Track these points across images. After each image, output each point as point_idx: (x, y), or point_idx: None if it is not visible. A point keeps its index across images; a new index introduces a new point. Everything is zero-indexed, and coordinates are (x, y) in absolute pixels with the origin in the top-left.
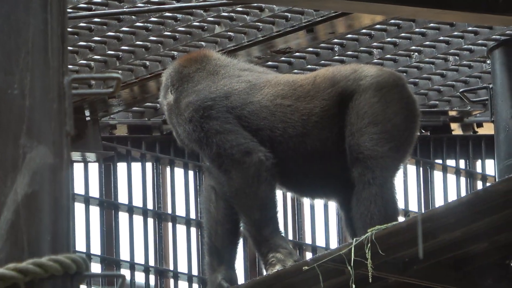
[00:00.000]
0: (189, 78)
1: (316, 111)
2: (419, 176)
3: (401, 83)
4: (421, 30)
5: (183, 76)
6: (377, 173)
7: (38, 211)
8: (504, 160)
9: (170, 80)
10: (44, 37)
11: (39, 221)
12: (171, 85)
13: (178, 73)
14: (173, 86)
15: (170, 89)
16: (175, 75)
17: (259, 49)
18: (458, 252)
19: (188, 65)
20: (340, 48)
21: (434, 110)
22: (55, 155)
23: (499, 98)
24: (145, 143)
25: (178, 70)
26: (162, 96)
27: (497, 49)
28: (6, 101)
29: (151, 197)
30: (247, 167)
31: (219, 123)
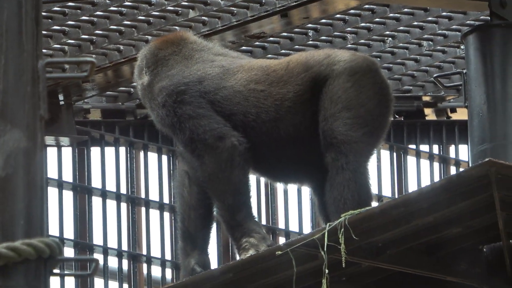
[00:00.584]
0: (164, 61)
1: (290, 96)
2: (392, 161)
3: (374, 68)
4: (395, 15)
5: (159, 59)
6: (351, 158)
7: (11, 195)
8: (478, 146)
9: (145, 61)
10: (18, 20)
11: (13, 205)
12: (146, 67)
13: (154, 56)
14: (148, 68)
15: (145, 70)
16: (150, 57)
17: (233, 34)
18: (431, 237)
19: (164, 48)
20: (314, 33)
21: (407, 95)
22: (28, 138)
23: (473, 84)
24: (119, 127)
25: (154, 53)
26: (137, 76)
27: (471, 35)
28: None
29: (125, 182)
30: (220, 152)
31: (192, 108)
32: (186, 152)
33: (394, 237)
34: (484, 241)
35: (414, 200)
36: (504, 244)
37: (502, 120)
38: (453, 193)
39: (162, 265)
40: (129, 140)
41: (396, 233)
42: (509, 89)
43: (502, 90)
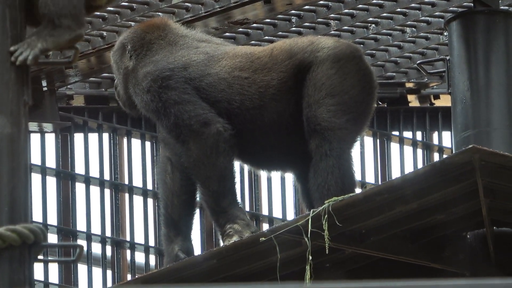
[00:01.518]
0: (149, 46)
1: (274, 84)
2: (376, 147)
3: (358, 55)
4: (379, 1)
5: (145, 42)
6: (334, 144)
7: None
8: (461, 132)
9: (132, 44)
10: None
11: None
12: (133, 49)
13: (140, 39)
14: (135, 51)
15: (131, 53)
16: (137, 40)
17: (216, 20)
18: (415, 224)
19: (150, 32)
20: (298, 19)
21: (391, 82)
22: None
23: (456, 70)
24: (102, 113)
25: (140, 36)
26: (118, 57)
27: (454, 21)
28: None
29: (108, 168)
30: (205, 138)
31: (177, 93)
32: (170, 137)
33: (378, 223)
34: (468, 227)
35: (397, 186)
36: (488, 231)
37: (485, 107)
38: (437, 180)
39: (145, 251)
40: (113, 126)
41: (380, 219)
42: (493, 76)
43: (485, 76)
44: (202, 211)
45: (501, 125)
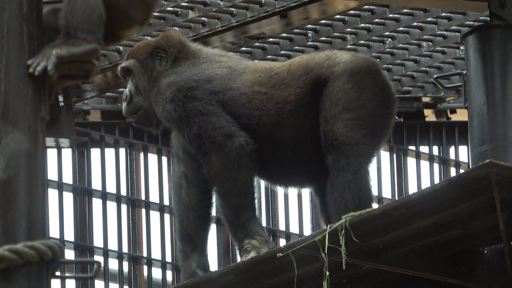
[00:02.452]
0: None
1: (291, 99)
2: (392, 162)
3: (375, 69)
4: (395, 15)
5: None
6: (351, 159)
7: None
8: (478, 147)
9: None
10: (19, 21)
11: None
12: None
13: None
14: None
15: (164, 59)
16: (167, 49)
17: (233, 35)
18: (432, 239)
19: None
20: (314, 33)
21: (407, 96)
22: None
23: (473, 84)
24: (119, 129)
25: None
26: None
27: (471, 35)
28: None
29: (125, 183)
30: (228, 151)
31: (202, 104)
32: (191, 148)
33: (395, 239)
34: (485, 242)
35: (414, 201)
36: (505, 246)
37: (502, 121)
38: (454, 195)
39: (162, 267)
40: (129, 142)
41: (397, 235)
42: (509, 90)
43: (502, 91)
44: (218, 226)
45: None
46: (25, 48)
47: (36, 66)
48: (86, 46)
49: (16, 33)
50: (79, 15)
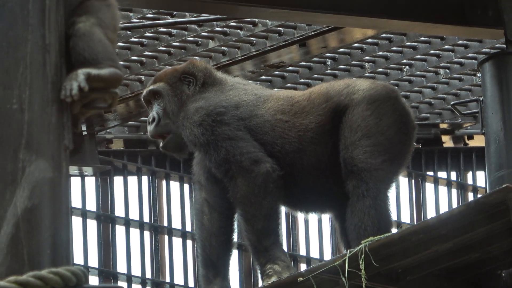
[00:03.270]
0: (197, 83)
1: (312, 127)
2: (411, 188)
3: (394, 96)
4: (412, 43)
5: (197, 78)
6: (371, 185)
7: (37, 224)
8: (495, 172)
9: (191, 76)
10: (43, 52)
11: (39, 235)
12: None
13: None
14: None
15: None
16: (195, 74)
17: (252, 64)
18: (450, 263)
19: (199, 69)
20: (333, 62)
21: (425, 123)
22: (54, 169)
23: (490, 111)
24: (141, 157)
25: (195, 70)
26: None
27: (487, 62)
28: (5, 116)
29: (148, 210)
30: (255, 176)
31: (231, 129)
32: (218, 172)
33: (414, 263)
34: (502, 266)
35: (433, 226)
36: None
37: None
38: (472, 219)
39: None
40: (151, 169)
41: (416, 259)
42: None
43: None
44: (240, 251)
45: None
46: (48, 78)
47: (70, 90)
48: (111, 69)
49: (39, 64)
50: (96, 46)
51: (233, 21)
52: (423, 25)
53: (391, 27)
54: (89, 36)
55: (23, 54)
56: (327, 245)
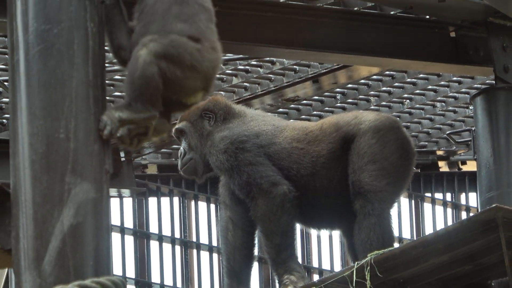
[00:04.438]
0: (223, 115)
1: (324, 153)
2: (411, 207)
3: (396, 126)
4: (412, 80)
5: (219, 112)
6: (376, 205)
7: (81, 239)
8: (486, 193)
9: (211, 112)
10: (86, 87)
11: (83, 248)
12: (213, 117)
13: (218, 109)
14: (214, 118)
15: (211, 120)
16: (216, 110)
17: (271, 98)
18: (446, 274)
19: (221, 105)
20: (342, 96)
21: (423, 150)
22: (96, 190)
23: (481, 139)
24: (173, 180)
25: (216, 107)
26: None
27: (479, 97)
28: (53, 144)
29: (178, 227)
30: (273, 197)
31: (252, 155)
32: (240, 194)
33: (414, 273)
34: (493, 276)
35: (430, 241)
36: (510, 279)
37: (507, 171)
38: (465, 235)
39: None
40: (182, 191)
41: (416, 270)
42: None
43: (506, 144)
44: (260, 263)
45: None
46: (91, 110)
47: (103, 129)
48: (145, 114)
49: (83, 98)
50: (137, 88)
51: (254, 60)
52: (422, 64)
53: (394, 66)
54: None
55: (69, 89)
56: (337, 258)
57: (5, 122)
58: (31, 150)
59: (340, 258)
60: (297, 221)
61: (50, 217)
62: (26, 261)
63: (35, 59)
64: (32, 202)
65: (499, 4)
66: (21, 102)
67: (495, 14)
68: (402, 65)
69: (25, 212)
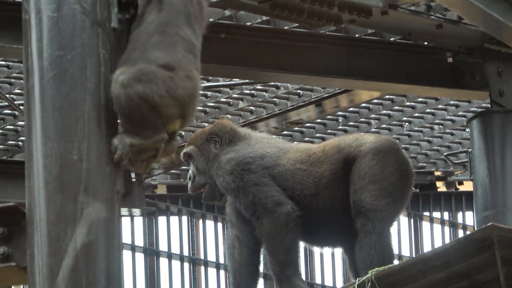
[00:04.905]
0: (229, 138)
1: (326, 174)
2: (410, 226)
3: (395, 148)
4: (411, 104)
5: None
6: (376, 223)
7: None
8: (482, 212)
9: (217, 136)
10: (98, 111)
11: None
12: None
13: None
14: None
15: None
16: (221, 134)
17: (276, 121)
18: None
19: (227, 128)
20: (344, 119)
21: (422, 171)
22: (108, 210)
23: (477, 161)
24: (181, 200)
25: (222, 130)
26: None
27: (475, 120)
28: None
29: (187, 245)
30: (278, 216)
31: (257, 176)
32: (246, 213)
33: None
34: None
35: (429, 258)
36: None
37: (502, 191)
38: (462, 253)
39: None
40: (190, 211)
41: (415, 286)
42: (508, 165)
43: (501, 166)
44: (265, 280)
45: None
46: (103, 133)
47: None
48: (154, 138)
49: (95, 121)
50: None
51: (259, 84)
52: (420, 88)
53: (393, 90)
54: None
55: (82, 112)
56: (339, 275)
57: (20, 145)
58: (45, 171)
59: (342, 275)
60: (300, 239)
61: (63, 236)
62: (41, 278)
63: (49, 84)
64: (46, 221)
65: (494, 31)
66: (36, 125)
67: (491, 40)
68: (402, 89)
69: (40, 231)
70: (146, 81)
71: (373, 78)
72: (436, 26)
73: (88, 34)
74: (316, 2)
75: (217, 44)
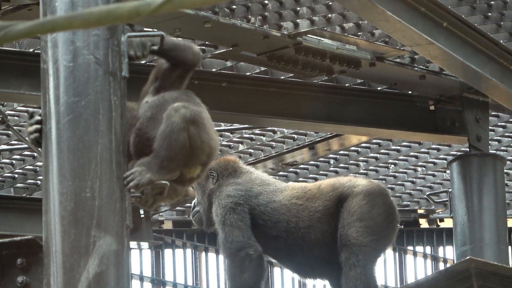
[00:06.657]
0: (231, 171)
1: (320, 209)
2: (395, 259)
3: (385, 193)
4: (396, 147)
5: (227, 170)
6: (360, 257)
7: (105, 286)
8: (461, 247)
9: (216, 172)
10: (110, 152)
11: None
12: (216, 176)
13: (223, 169)
14: (218, 177)
15: (214, 179)
16: (220, 170)
17: (272, 162)
18: None
19: (229, 163)
20: (335, 161)
21: (406, 209)
22: (118, 243)
23: (457, 200)
24: (186, 234)
25: (222, 167)
26: (203, 182)
27: (455, 162)
28: (80, 202)
29: (191, 276)
30: (235, 259)
31: (236, 218)
32: (219, 248)
33: None
34: None
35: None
36: None
37: (479, 228)
38: (443, 284)
39: None
40: (194, 244)
41: None
42: (484, 204)
43: (478, 204)
44: None
45: (491, 241)
46: (114, 173)
47: (130, 182)
48: (172, 175)
49: (107, 162)
50: (176, 152)
51: (257, 129)
52: (405, 133)
53: (380, 135)
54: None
55: (95, 154)
56: None
57: (39, 183)
58: (61, 208)
59: None
60: (293, 272)
61: (77, 266)
62: None
63: (65, 128)
64: (61, 253)
65: (472, 81)
66: (52, 165)
67: (469, 90)
68: (388, 134)
69: (55, 262)
70: (200, 125)
71: (362, 124)
72: (419, 76)
73: (101, 82)
74: (309, 54)
75: (219, 92)
